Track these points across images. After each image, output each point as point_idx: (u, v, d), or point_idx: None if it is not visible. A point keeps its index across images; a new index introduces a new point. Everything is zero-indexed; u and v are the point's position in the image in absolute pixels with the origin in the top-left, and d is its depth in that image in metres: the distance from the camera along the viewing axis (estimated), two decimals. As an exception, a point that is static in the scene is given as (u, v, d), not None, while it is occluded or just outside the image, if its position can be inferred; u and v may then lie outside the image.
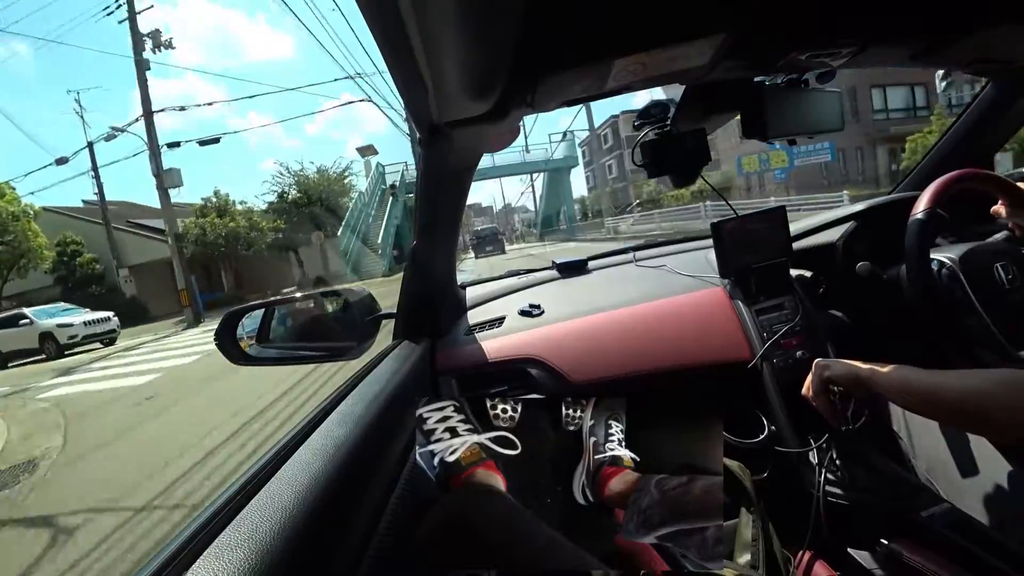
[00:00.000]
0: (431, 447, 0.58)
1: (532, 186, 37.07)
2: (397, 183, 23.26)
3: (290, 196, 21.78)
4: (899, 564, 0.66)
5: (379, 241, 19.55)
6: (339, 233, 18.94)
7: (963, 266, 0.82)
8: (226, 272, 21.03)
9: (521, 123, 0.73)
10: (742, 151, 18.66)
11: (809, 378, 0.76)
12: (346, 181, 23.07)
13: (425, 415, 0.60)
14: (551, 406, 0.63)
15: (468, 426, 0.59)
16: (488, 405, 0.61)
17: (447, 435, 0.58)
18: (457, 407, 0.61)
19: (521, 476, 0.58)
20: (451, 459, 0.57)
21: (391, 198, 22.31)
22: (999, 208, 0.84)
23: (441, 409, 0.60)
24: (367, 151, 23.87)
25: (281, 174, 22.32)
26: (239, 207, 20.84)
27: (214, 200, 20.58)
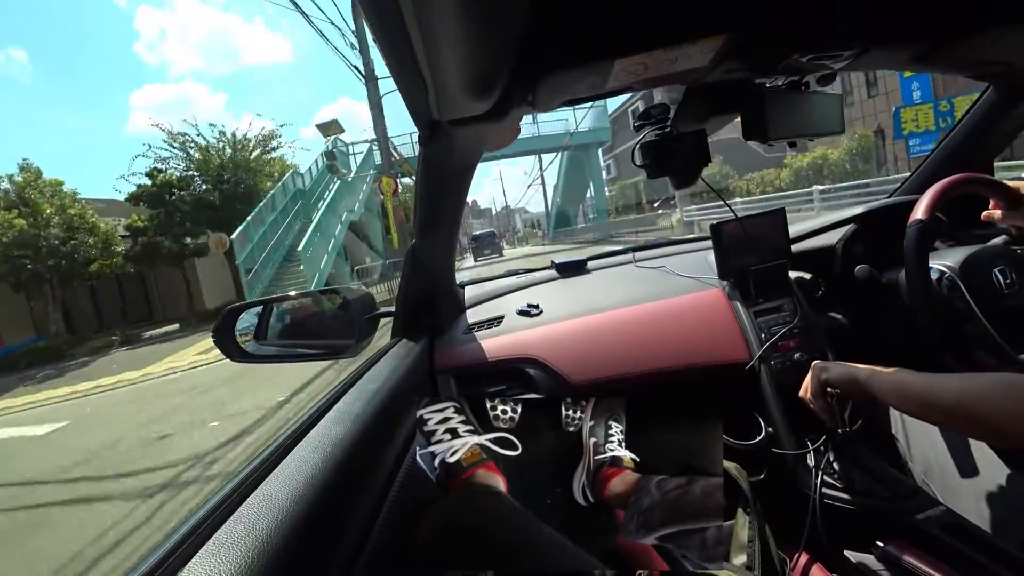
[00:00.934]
0: (431, 448, 0.58)
1: (542, 172, 27.82)
2: (334, 151, 14.93)
3: (163, 177, 12.89)
4: (895, 566, 0.66)
5: (301, 249, 11.59)
6: (234, 237, 10.89)
7: (962, 272, 0.82)
8: (51, 304, 12.49)
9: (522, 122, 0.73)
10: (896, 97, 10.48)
11: (807, 380, 0.76)
12: (273, 156, 14.34)
13: (426, 416, 0.60)
14: (551, 406, 0.63)
15: (469, 427, 0.59)
16: (488, 405, 0.61)
17: (448, 436, 0.59)
18: (457, 408, 0.61)
19: (522, 476, 0.58)
20: (452, 460, 0.57)
21: (336, 183, 14.55)
22: (992, 212, 0.85)
23: (442, 410, 0.60)
24: (330, 129, 15.47)
25: (166, 143, 13.34)
26: (55, 195, 11.95)
27: (18, 180, 11.82)
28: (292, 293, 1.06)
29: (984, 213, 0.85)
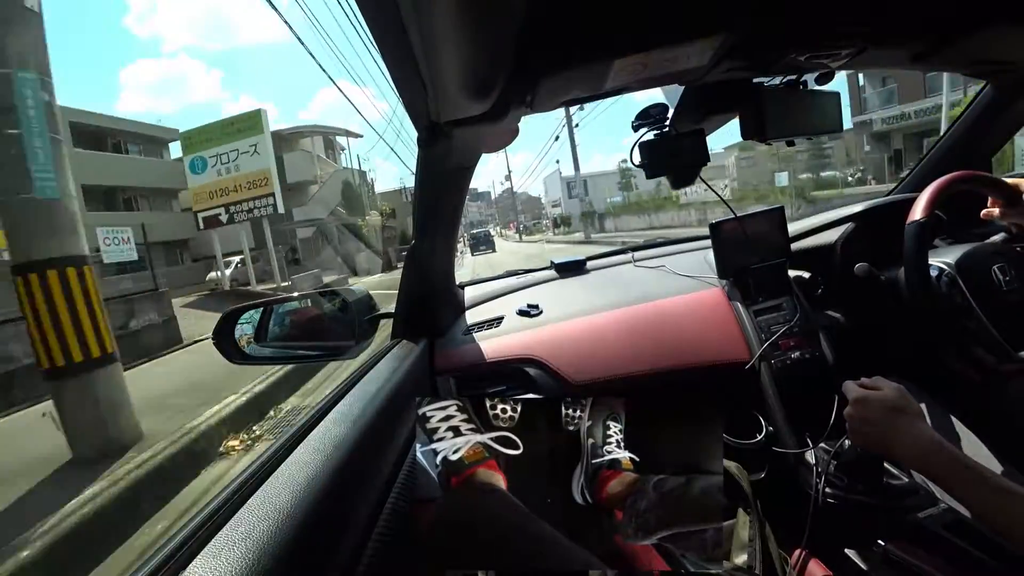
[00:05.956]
0: (433, 446, 0.58)
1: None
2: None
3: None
4: (896, 565, 0.66)
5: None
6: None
7: (961, 270, 0.82)
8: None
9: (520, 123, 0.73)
10: None
11: (858, 407, 0.64)
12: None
13: (428, 413, 0.60)
14: (550, 406, 0.63)
15: (471, 425, 0.59)
16: (487, 405, 0.61)
17: (450, 434, 0.59)
18: (460, 406, 0.61)
19: (522, 475, 0.58)
20: (454, 457, 0.57)
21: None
22: (991, 211, 0.85)
23: (444, 408, 0.60)
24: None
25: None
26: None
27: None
28: (294, 295, 1.06)
29: (983, 211, 0.86)
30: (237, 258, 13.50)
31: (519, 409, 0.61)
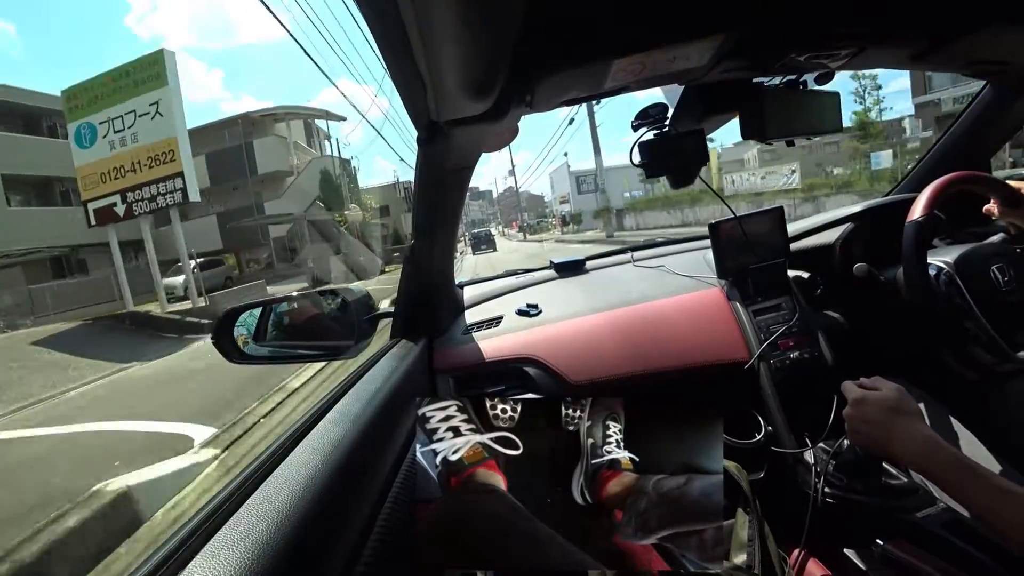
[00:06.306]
0: (433, 446, 0.58)
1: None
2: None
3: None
4: (894, 564, 0.66)
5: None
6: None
7: (959, 270, 0.83)
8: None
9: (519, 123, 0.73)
10: None
11: (858, 408, 0.64)
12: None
13: (428, 414, 0.60)
14: (550, 406, 0.63)
15: (471, 426, 0.59)
16: (487, 405, 0.61)
17: (450, 434, 0.58)
18: (460, 406, 0.61)
19: (522, 476, 0.58)
20: (454, 458, 0.57)
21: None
22: (991, 207, 0.85)
23: (444, 408, 0.60)
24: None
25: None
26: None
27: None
28: (292, 294, 1.06)
29: (984, 208, 0.86)
30: (193, 262, 11.21)
31: (519, 409, 0.61)
